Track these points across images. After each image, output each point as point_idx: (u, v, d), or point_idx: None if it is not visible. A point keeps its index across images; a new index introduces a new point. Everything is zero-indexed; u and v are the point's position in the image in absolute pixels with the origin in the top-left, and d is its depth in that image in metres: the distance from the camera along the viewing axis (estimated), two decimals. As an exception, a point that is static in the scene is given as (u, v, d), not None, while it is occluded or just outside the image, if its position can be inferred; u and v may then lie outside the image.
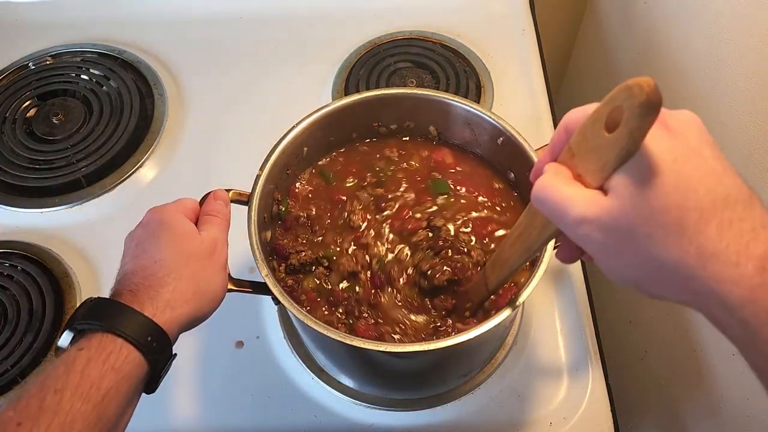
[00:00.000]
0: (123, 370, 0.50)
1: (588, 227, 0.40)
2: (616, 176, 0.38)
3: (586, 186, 0.41)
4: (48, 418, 0.46)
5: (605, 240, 0.40)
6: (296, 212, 0.78)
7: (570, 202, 0.40)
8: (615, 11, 1.18)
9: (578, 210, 0.40)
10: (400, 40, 1.15)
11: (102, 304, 0.54)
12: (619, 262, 0.41)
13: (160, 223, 0.61)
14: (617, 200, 0.38)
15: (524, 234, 0.54)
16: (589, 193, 0.40)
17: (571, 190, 0.41)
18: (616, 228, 0.39)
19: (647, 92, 0.35)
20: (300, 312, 0.63)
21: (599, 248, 0.41)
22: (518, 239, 0.55)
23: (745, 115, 0.75)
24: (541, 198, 0.42)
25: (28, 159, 1.03)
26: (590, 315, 0.87)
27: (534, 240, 0.52)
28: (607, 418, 0.79)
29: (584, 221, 0.40)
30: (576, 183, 0.41)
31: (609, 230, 0.39)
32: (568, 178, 0.42)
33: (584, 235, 0.40)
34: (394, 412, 0.81)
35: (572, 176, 0.42)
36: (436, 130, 0.83)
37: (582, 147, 0.41)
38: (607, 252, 0.41)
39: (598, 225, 0.39)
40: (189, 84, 1.14)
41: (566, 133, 0.43)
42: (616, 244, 0.39)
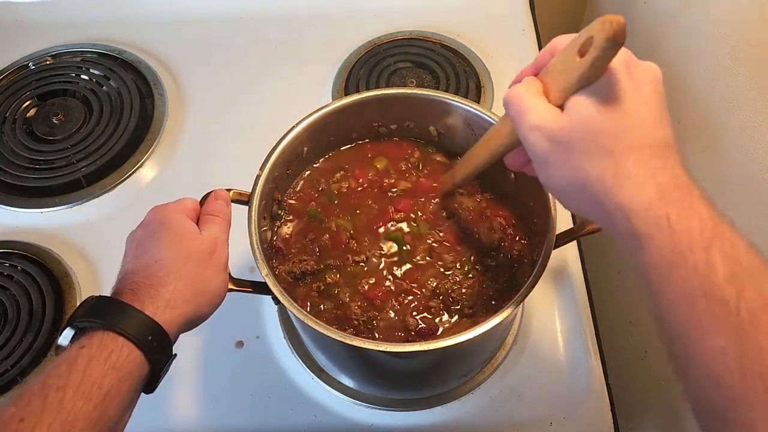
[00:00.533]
0: (124, 369, 0.50)
1: (538, 134, 0.47)
2: (573, 97, 0.45)
3: (550, 101, 0.48)
4: (50, 416, 0.46)
5: (548, 149, 0.47)
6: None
7: (531, 110, 0.48)
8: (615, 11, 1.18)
9: (535, 118, 0.47)
10: (400, 40, 1.15)
11: (103, 302, 0.54)
12: (553, 171, 0.48)
13: (161, 223, 0.61)
14: (568, 117, 0.46)
15: (492, 139, 0.61)
16: (548, 107, 0.47)
17: (535, 101, 0.48)
18: (560, 139, 0.46)
19: (615, 29, 0.41)
20: (300, 312, 0.63)
21: (541, 155, 0.48)
22: (487, 142, 0.62)
23: (745, 115, 0.75)
24: (509, 101, 0.50)
25: (28, 159, 1.03)
26: (590, 315, 0.87)
27: (498, 144, 0.59)
28: (607, 418, 0.79)
29: (537, 128, 0.47)
30: (542, 96, 0.48)
31: (554, 140, 0.46)
32: (537, 91, 0.49)
33: (533, 141, 0.48)
34: (394, 412, 0.81)
35: (542, 90, 0.49)
36: (436, 130, 0.83)
37: (557, 67, 0.47)
38: (547, 160, 0.48)
39: (547, 134, 0.47)
40: (189, 84, 1.14)
41: (550, 54, 0.50)
42: (556, 154, 0.47)
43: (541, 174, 0.50)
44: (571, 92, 0.45)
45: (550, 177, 0.49)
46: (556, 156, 0.47)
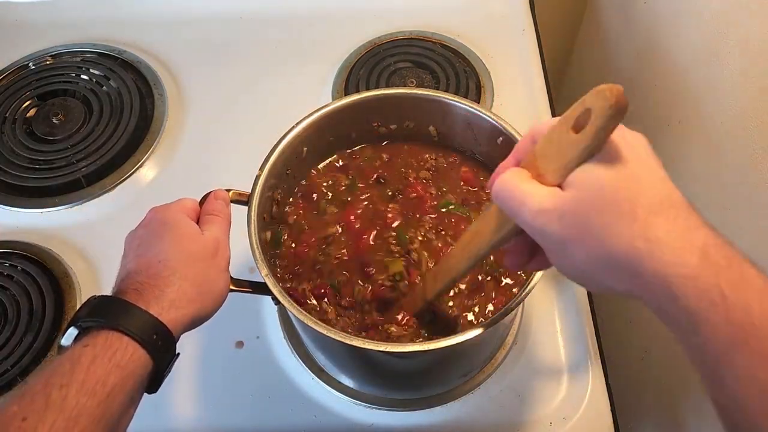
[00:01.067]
0: (128, 368, 0.50)
1: (546, 217, 0.43)
2: (576, 172, 0.42)
3: (545, 184, 0.44)
4: (53, 414, 0.46)
5: (561, 230, 0.42)
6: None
7: (529, 196, 0.44)
8: (615, 11, 1.18)
9: (536, 202, 0.43)
10: (400, 40, 1.15)
11: (107, 301, 0.54)
12: (573, 252, 0.43)
13: (164, 223, 0.61)
14: (575, 191, 0.42)
15: (473, 241, 0.55)
16: (547, 189, 0.44)
17: (530, 186, 0.44)
18: (572, 216, 0.42)
19: (617, 96, 0.39)
20: (300, 312, 0.63)
21: (555, 239, 0.43)
22: (466, 247, 0.57)
23: (745, 115, 0.75)
24: (501, 192, 0.46)
25: (28, 159, 1.03)
26: (590, 315, 0.87)
27: (484, 246, 0.54)
28: (607, 418, 0.79)
29: (542, 211, 0.43)
30: (535, 181, 0.45)
31: (566, 219, 0.42)
32: (527, 177, 0.45)
33: (541, 226, 0.43)
34: (394, 412, 0.81)
35: (532, 176, 0.45)
36: (436, 130, 0.83)
37: (546, 149, 0.45)
38: (562, 242, 0.43)
39: (556, 214, 0.42)
40: (189, 84, 1.14)
41: (531, 141, 0.47)
42: (572, 234, 0.42)
43: (558, 260, 0.45)
44: (572, 168, 0.42)
45: (569, 261, 0.44)
46: (572, 235, 0.42)
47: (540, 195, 0.43)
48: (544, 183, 0.44)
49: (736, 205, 0.78)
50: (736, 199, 0.78)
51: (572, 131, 0.42)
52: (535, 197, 0.43)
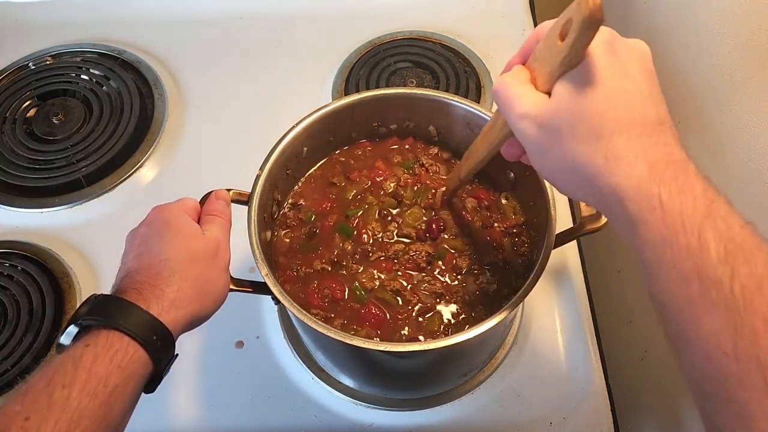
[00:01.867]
0: (129, 368, 0.51)
1: (526, 122, 0.47)
2: (558, 83, 0.45)
3: (538, 88, 0.47)
4: (56, 414, 0.46)
5: (538, 136, 0.47)
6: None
7: (518, 99, 0.47)
8: (615, 11, 1.18)
9: (522, 106, 0.47)
10: (400, 40, 1.15)
11: (108, 301, 0.54)
12: (546, 157, 0.48)
13: (166, 222, 0.61)
14: (554, 103, 0.45)
15: (490, 130, 0.61)
16: (536, 95, 0.47)
17: (523, 89, 0.48)
18: (548, 126, 0.46)
19: (591, 9, 0.40)
20: (300, 312, 0.63)
21: (532, 143, 0.48)
22: (485, 135, 0.63)
23: (745, 115, 0.75)
24: (497, 91, 0.50)
25: (28, 159, 1.03)
26: (590, 315, 0.87)
27: (495, 135, 0.59)
28: (607, 418, 0.79)
29: (525, 116, 0.47)
30: (529, 84, 0.48)
31: (542, 127, 0.46)
32: (524, 79, 0.49)
33: (522, 129, 0.48)
34: (394, 412, 0.81)
35: (530, 78, 0.49)
36: (435, 130, 0.83)
37: (542, 53, 0.47)
38: (539, 147, 0.47)
39: (535, 121, 0.46)
40: (189, 84, 1.14)
41: (536, 40, 0.49)
42: (546, 141, 0.46)
43: (534, 162, 0.50)
44: (556, 77, 0.45)
45: (542, 164, 0.49)
46: (546, 142, 0.46)
47: (527, 100, 0.47)
48: (537, 87, 0.48)
49: (736, 204, 0.78)
50: (736, 199, 0.77)
51: (559, 39, 0.44)
52: (521, 102, 0.47)
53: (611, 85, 0.43)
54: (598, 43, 0.44)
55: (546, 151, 0.47)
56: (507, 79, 0.49)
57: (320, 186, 0.81)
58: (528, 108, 0.47)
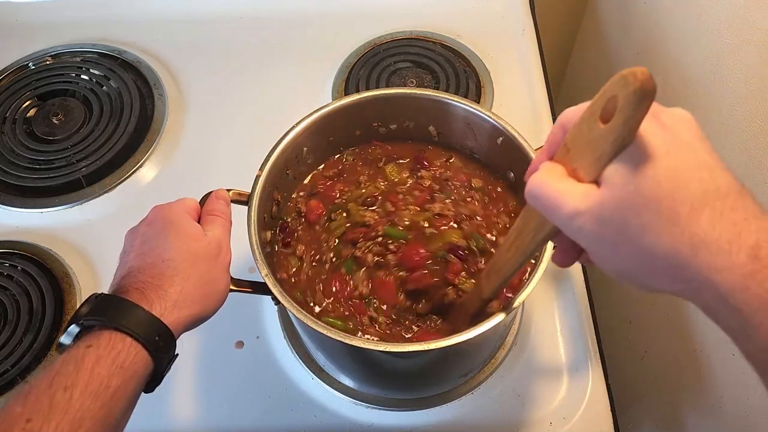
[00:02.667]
0: (131, 370, 0.51)
1: (582, 219, 0.40)
2: (609, 167, 0.39)
3: (581, 181, 0.41)
4: (58, 416, 0.46)
5: (599, 232, 0.40)
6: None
7: (564, 196, 0.41)
8: (615, 11, 1.18)
9: (572, 203, 0.40)
10: (400, 40, 1.15)
11: (110, 301, 0.54)
12: (614, 254, 0.41)
13: (168, 222, 0.61)
14: (611, 190, 0.39)
15: (519, 238, 0.53)
16: (582, 187, 0.41)
17: (565, 185, 0.41)
18: (609, 218, 0.39)
19: (641, 80, 0.35)
20: (300, 312, 0.63)
21: (594, 241, 0.41)
22: (513, 244, 0.55)
23: (744, 115, 0.75)
24: (535, 193, 0.43)
25: (28, 159, 1.03)
26: (590, 315, 0.87)
27: (529, 243, 0.52)
28: (607, 418, 0.79)
29: (578, 213, 0.40)
30: (570, 179, 0.42)
31: (603, 221, 0.39)
32: (562, 174, 0.42)
33: (578, 228, 0.41)
34: (394, 412, 0.81)
35: (567, 173, 0.42)
36: (435, 130, 0.83)
37: (577, 142, 0.42)
38: (602, 244, 0.41)
39: (592, 216, 0.40)
40: (189, 84, 1.14)
41: (562, 131, 0.44)
42: (610, 236, 0.40)
43: (600, 261, 0.43)
44: (606, 162, 0.39)
45: (610, 262, 0.42)
46: (611, 238, 0.39)
47: (574, 196, 0.40)
48: (579, 179, 0.41)
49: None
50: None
51: (600, 122, 0.39)
52: (569, 198, 0.40)
53: (672, 160, 0.37)
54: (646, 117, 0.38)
55: (612, 248, 0.40)
56: (542, 176, 0.42)
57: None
58: (580, 203, 0.40)
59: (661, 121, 0.39)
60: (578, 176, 0.41)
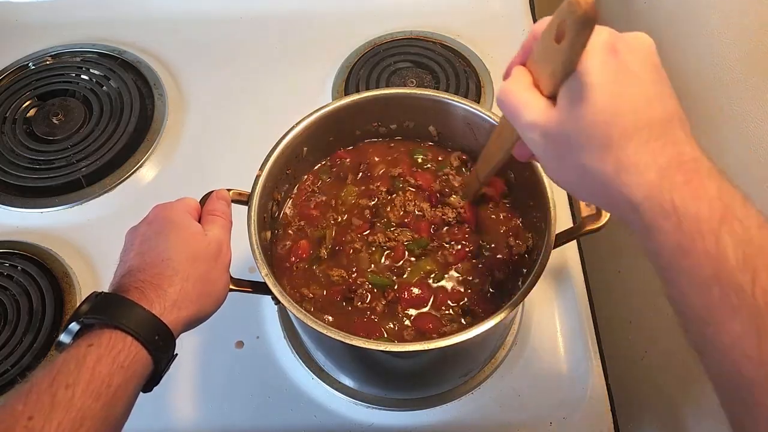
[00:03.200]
0: (131, 369, 0.51)
1: (535, 132, 0.46)
2: (562, 89, 0.44)
3: (542, 92, 0.46)
4: (60, 414, 0.46)
5: (547, 145, 0.46)
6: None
7: (524, 108, 0.47)
8: (615, 11, 1.18)
9: (529, 116, 0.46)
10: (400, 40, 1.15)
11: (111, 299, 0.54)
12: (556, 165, 0.47)
13: (169, 221, 0.61)
14: (559, 112, 0.44)
15: (501, 133, 0.60)
16: (541, 102, 0.46)
17: (528, 96, 0.47)
18: (555, 136, 0.45)
19: (584, 8, 0.39)
20: (300, 312, 0.63)
21: (542, 151, 0.47)
22: (497, 138, 0.62)
23: (744, 115, 0.75)
24: (502, 100, 0.49)
25: (28, 159, 1.03)
26: (590, 315, 0.87)
27: (507, 138, 0.58)
28: (607, 418, 0.79)
29: (532, 126, 0.46)
30: (534, 89, 0.47)
31: (550, 137, 0.45)
32: (528, 84, 0.48)
33: (531, 139, 0.47)
34: (394, 412, 0.81)
35: (533, 81, 0.48)
36: (435, 130, 0.83)
37: (540, 54, 0.46)
38: (548, 155, 0.47)
39: (542, 132, 0.46)
40: (189, 84, 1.14)
41: (532, 38, 0.48)
42: (555, 150, 0.46)
43: (547, 170, 0.50)
44: (559, 79, 0.44)
45: (555, 172, 0.49)
46: (555, 152, 0.46)
47: (533, 108, 0.46)
48: (541, 90, 0.46)
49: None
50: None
51: (555, 41, 0.43)
52: (527, 110, 0.46)
53: (614, 89, 0.42)
54: (598, 44, 0.42)
55: (557, 160, 0.47)
56: (510, 86, 0.48)
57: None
58: (534, 117, 0.46)
59: (615, 49, 0.43)
60: (541, 87, 0.47)
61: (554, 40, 0.43)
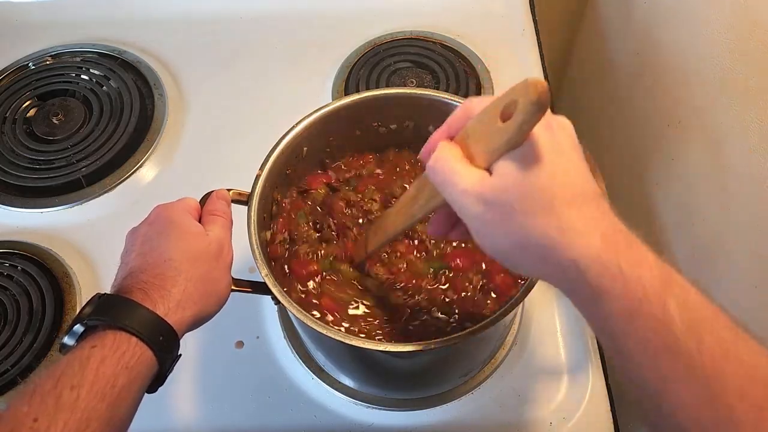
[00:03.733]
0: (136, 369, 0.50)
1: (471, 199, 0.46)
2: (502, 160, 0.45)
3: (476, 165, 0.47)
4: (65, 416, 0.45)
5: (484, 212, 0.46)
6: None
7: (460, 176, 0.47)
8: (615, 11, 1.18)
9: (465, 182, 0.46)
10: (400, 40, 1.15)
11: (115, 301, 0.54)
12: (493, 233, 0.47)
13: (170, 222, 0.61)
14: (501, 179, 0.45)
15: (410, 204, 0.59)
16: (477, 171, 0.47)
17: (461, 165, 0.47)
18: (495, 202, 0.45)
19: (540, 92, 0.40)
20: (300, 312, 0.63)
21: (477, 219, 0.47)
22: (403, 208, 0.61)
23: (744, 115, 0.75)
24: (436, 168, 0.48)
25: (28, 159, 1.03)
26: (590, 315, 0.87)
27: (418, 210, 0.57)
28: (607, 418, 0.79)
29: (469, 193, 0.46)
30: (466, 161, 0.48)
31: (489, 203, 0.45)
32: (459, 156, 0.48)
33: (466, 205, 0.47)
34: (394, 412, 0.81)
35: (463, 155, 0.48)
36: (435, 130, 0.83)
37: (477, 130, 0.47)
38: (484, 223, 0.47)
39: (481, 198, 0.46)
40: (189, 84, 1.14)
41: (465, 116, 0.49)
42: (493, 217, 0.46)
43: (479, 238, 0.49)
44: (498, 155, 0.45)
45: (489, 240, 0.48)
46: (492, 218, 0.45)
47: (468, 177, 0.46)
48: (474, 163, 0.47)
49: (736, 204, 0.78)
50: (736, 199, 0.78)
51: (500, 119, 0.44)
52: (463, 178, 0.46)
53: (554, 161, 0.44)
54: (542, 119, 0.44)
55: (492, 228, 0.46)
56: (444, 153, 0.48)
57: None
58: (472, 184, 0.46)
59: (550, 126, 0.45)
60: (473, 161, 0.47)
61: (499, 118, 0.44)
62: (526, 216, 0.44)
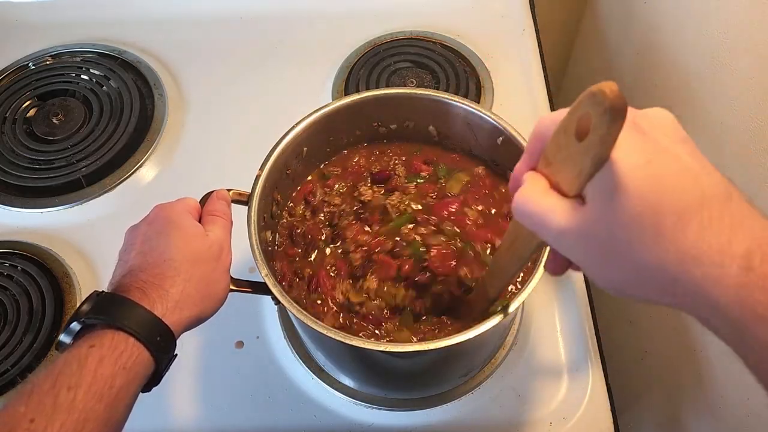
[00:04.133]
0: (133, 370, 0.51)
1: (569, 238, 0.40)
2: (591, 184, 0.38)
3: (565, 195, 0.40)
4: (62, 416, 0.45)
5: (586, 248, 0.39)
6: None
7: (549, 215, 0.40)
8: (615, 11, 1.18)
9: (557, 222, 0.40)
10: (400, 40, 1.15)
11: (113, 300, 0.53)
12: (603, 268, 0.40)
13: (170, 221, 0.61)
14: (593, 208, 0.38)
15: (515, 242, 0.53)
16: (567, 204, 0.40)
17: (550, 202, 0.41)
18: (594, 235, 0.38)
19: (611, 98, 0.34)
20: (300, 312, 0.63)
21: (583, 257, 0.41)
22: (510, 247, 0.55)
23: (744, 115, 0.75)
24: (522, 211, 0.42)
25: (28, 159, 1.03)
26: (590, 315, 0.87)
27: (523, 249, 0.52)
28: (607, 418, 0.79)
29: (565, 233, 0.40)
30: (554, 193, 0.41)
31: (588, 238, 0.39)
32: (545, 189, 0.42)
33: (567, 247, 0.41)
34: (394, 412, 0.81)
35: (550, 185, 0.42)
36: (435, 130, 0.83)
37: (556, 156, 0.41)
38: (590, 259, 0.40)
39: (579, 235, 0.39)
40: (189, 84, 1.14)
41: (540, 141, 0.43)
42: (597, 251, 0.39)
43: (591, 277, 0.42)
44: (586, 178, 0.38)
45: (602, 276, 0.41)
46: (598, 253, 0.39)
47: (560, 213, 0.40)
48: (563, 193, 0.41)
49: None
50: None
51: (576, 138, 0.38)
52: (556, 217, 0.40)
53: (653, 171, 0.36)
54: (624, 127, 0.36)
55: (603, 263, 0.39)
56: (527, 192, 0.42)
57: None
58: (565, 222, 0.39)
59: (640, 128, 0.38)
60: (561, 190, 0.41)
61: (575, 138, 0.38)
62: (633, 246, 0.37)
